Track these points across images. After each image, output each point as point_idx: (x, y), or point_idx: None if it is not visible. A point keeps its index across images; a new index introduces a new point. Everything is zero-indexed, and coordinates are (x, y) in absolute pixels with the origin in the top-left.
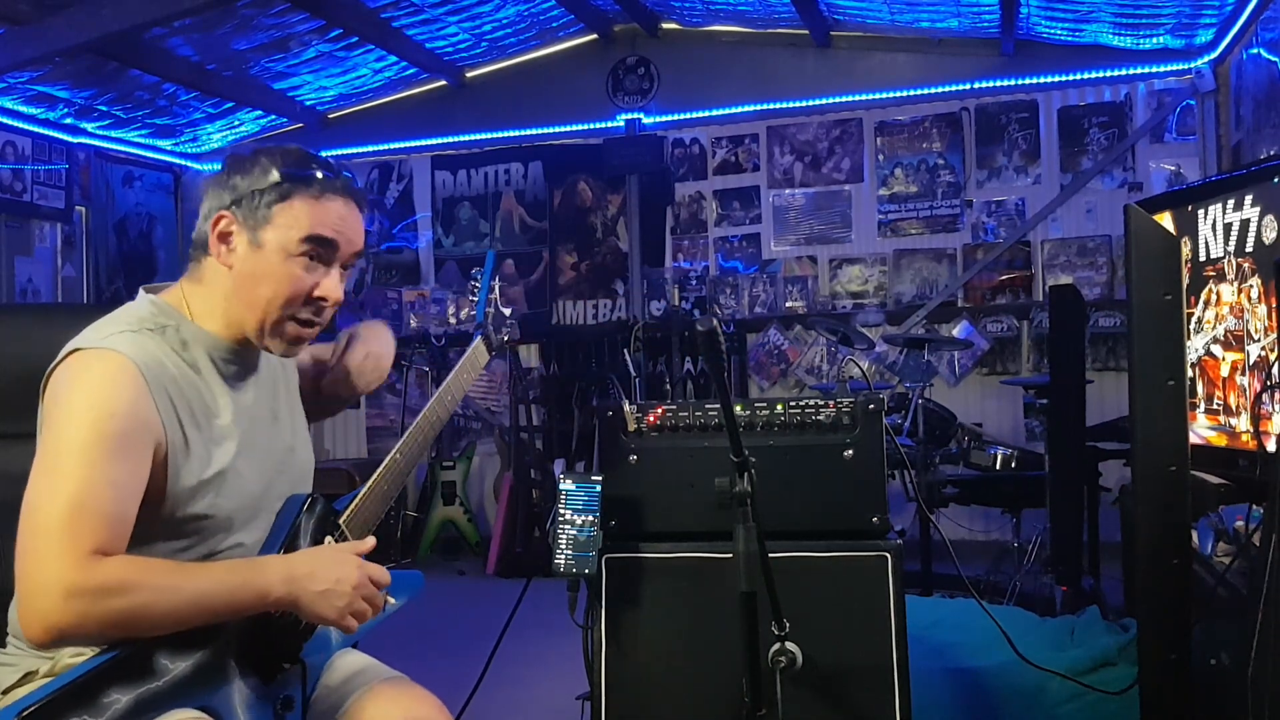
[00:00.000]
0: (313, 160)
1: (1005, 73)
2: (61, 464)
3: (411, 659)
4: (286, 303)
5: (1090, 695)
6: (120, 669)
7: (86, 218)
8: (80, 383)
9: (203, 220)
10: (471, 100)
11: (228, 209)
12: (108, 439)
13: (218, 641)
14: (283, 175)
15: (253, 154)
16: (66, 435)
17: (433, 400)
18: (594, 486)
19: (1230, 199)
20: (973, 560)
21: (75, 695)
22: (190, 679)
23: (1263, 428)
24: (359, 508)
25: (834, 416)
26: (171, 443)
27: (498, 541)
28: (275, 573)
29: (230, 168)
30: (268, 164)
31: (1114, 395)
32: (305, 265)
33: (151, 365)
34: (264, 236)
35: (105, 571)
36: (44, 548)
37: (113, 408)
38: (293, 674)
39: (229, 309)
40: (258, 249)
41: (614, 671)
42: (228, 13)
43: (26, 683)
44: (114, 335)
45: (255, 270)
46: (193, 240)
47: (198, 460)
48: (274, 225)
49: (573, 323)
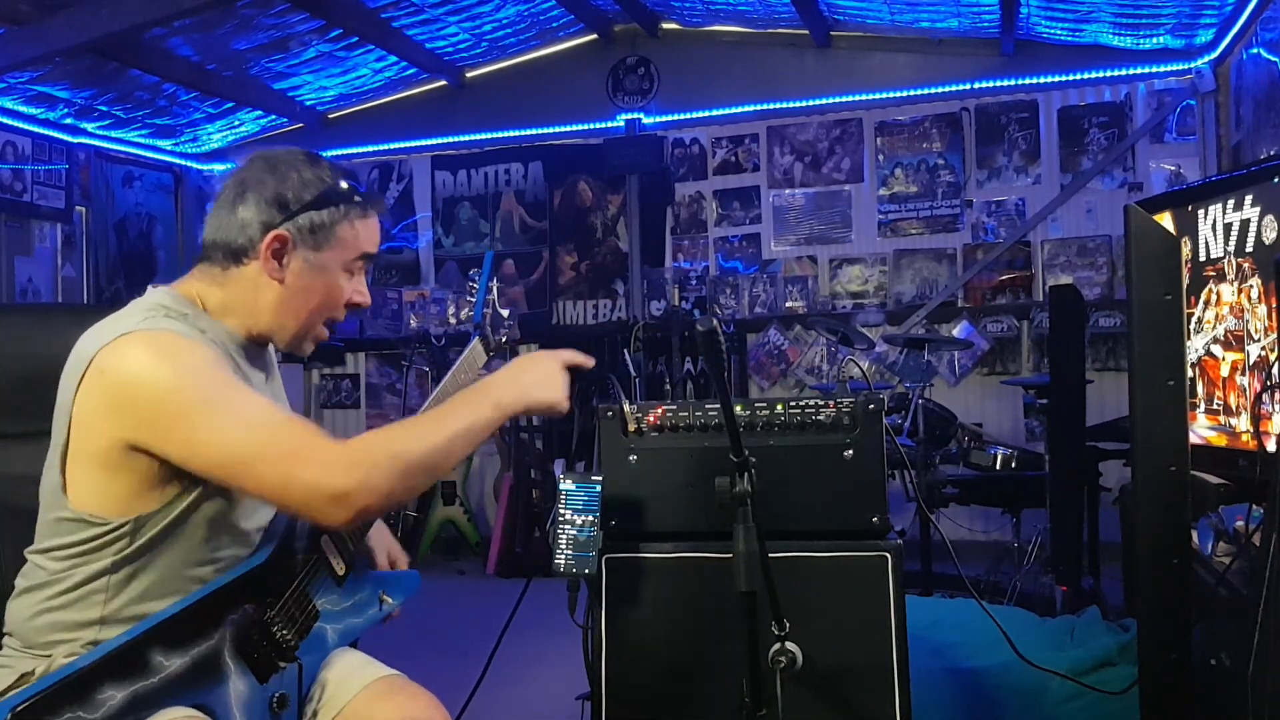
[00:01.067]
0: (350, 176)
1: (1005, 73)
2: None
3: (411, 659)
4: (331, 311)
5: (1090, 695)
6: (115, 666)
7: (86, 218)
8: (149, 355)
9: (239, 230)
10: (471, 100)
11: (281, 228)
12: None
13: (213, 639)
14: (338, 196)
15: (292, 165)
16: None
17: (429, 401)
18: (594, 486)
19: (1230, 199)
20: (973, 560)
21: (69, 691)
22: (185, 676)
23: (1263, 428)
24: None
25: (834, 416)
26: None
27: (498, 541)
28: (497, 387)
29: (274, 180)
30: (315, 181)
31: (1114, 395)
32: (349, 278)
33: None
34: (324, 257)
35: (357, 442)
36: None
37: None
38: (288, 672)
39: (262, 316)
40: (316, 268)
41: (614, 671)
42: (228, 13)
43: (23, 684)
44: (149, 319)
45: (311, 286)
46: (217, 243)
47: None
48: (333, 246)
49: (573, 323)
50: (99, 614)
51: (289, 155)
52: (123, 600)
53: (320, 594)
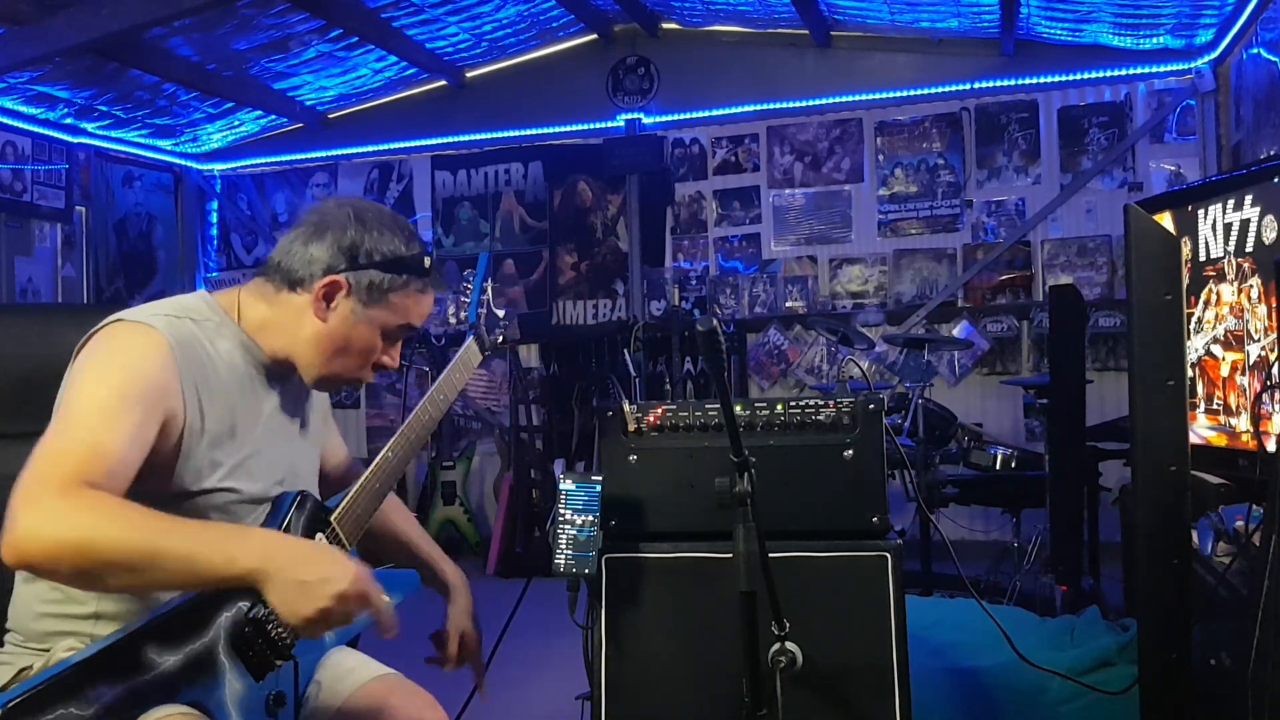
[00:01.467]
0: (422, 246)
1: (1005, 73)
2: (76, 410)
3: (411, 659)
4: (358, 364)
5: (1090, 695)
6: (109, 663)
7: (86, 218)
8: (110, 346)
9: (305, 264)
10: (471, 100)
11: (341, 274)
12: (126, 397)
13: (208, 637)
14: (407, 267)
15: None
16: (87, 388)
17: (424, 400)
18: (594, 486)
19: (1230, 199)
20: (973, 560)
21: (62, 688)
22: (180, 674)
23: (1263, 428)
24: (351, 505)
25: (834, 416)
26: (189, 423)
27: (498, 541)
28: (255, 543)
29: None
30: (392, 245)
31: (1114, 395)
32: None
33: (185, 347)
34: (371, 313)
35: (91, 496)
36: (35, 473)
37: (138, 368)
38: (284, 671)
39: (296, 345)
40: (359, 320)
41: (614, 671)
42: (228, 13)
43: (21, 679)
44: (155, 315)
45: (348, 335)
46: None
47: (213, 444)
48: (383, 308)
49: (573, 323)
50: (93, 609)
51: (379, 213)
52: (116, 594)
53: None
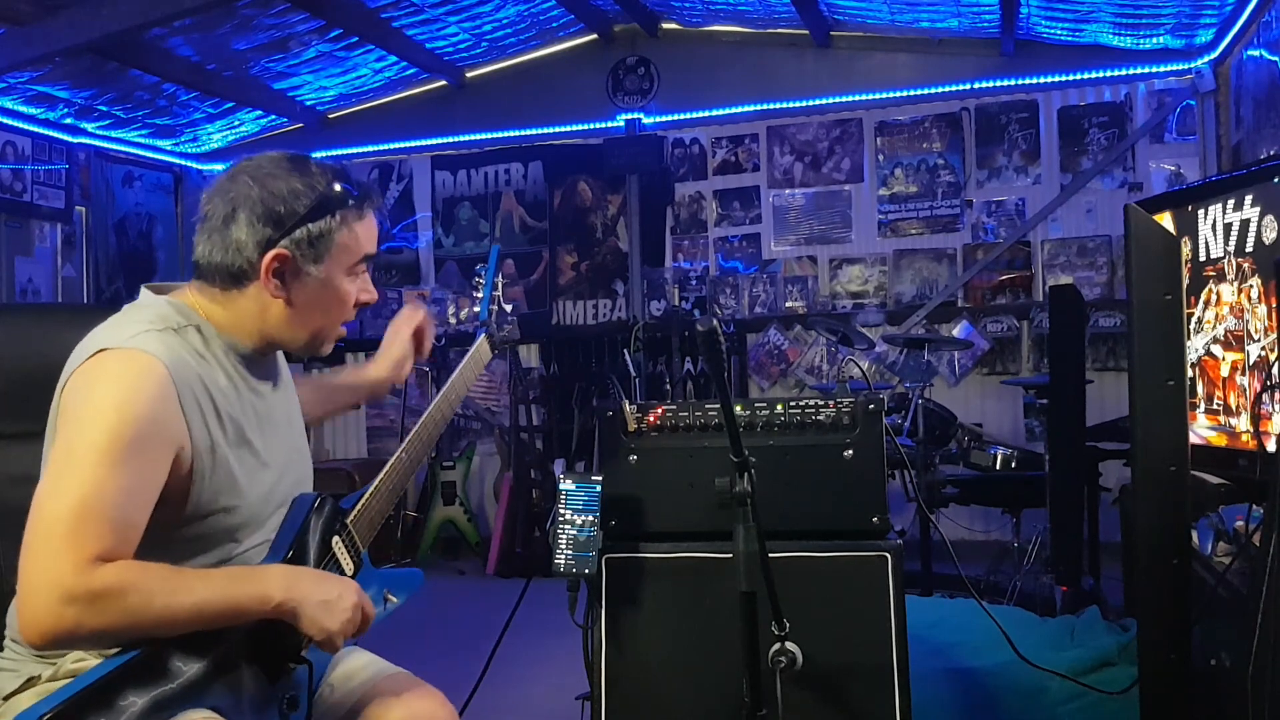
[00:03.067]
0: (341, 176)
1: (1005, 73)
2: (74, 465)
3: (412, 659)
4: (344, 316)
5: (1090, 695)
6: (134, 672)
7: (86, 218)
8: (104, 383)
9: (235, 252)
10: (471, 100)
11: (280, 246)
12: (125, 443)
13: (226, 643)
14: (333, 203)
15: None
16: (84, 436)
17: (437, 398)
18: (594, 486)
19: (1230, 199)
20: (973, 560)
21: (93, 699)
22: (201, 680)
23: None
24: (366, 506)
25: (834, 416)
26: (197, 446)
27: (498, 541)
28: (278, 579)
29: (263, 194)
30: (306, 190)
31: (1114, 395)
32: (353, 280)
33: (179, 366)
34: (326, 268)
35: (103, 578)
36: (45, 550)
37: (136, 411)
38: (298, 673)
39: (269, 332)
40: (321, 281)
41: (614, 671)
42: (228, 13)
43: (29, 687)
44: (141, 335)
45: (320, 298)
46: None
47: (223, 462)
48: (333, 256)
49: (573, 323)
50: None
51: (273, 164)
52: None
53: None
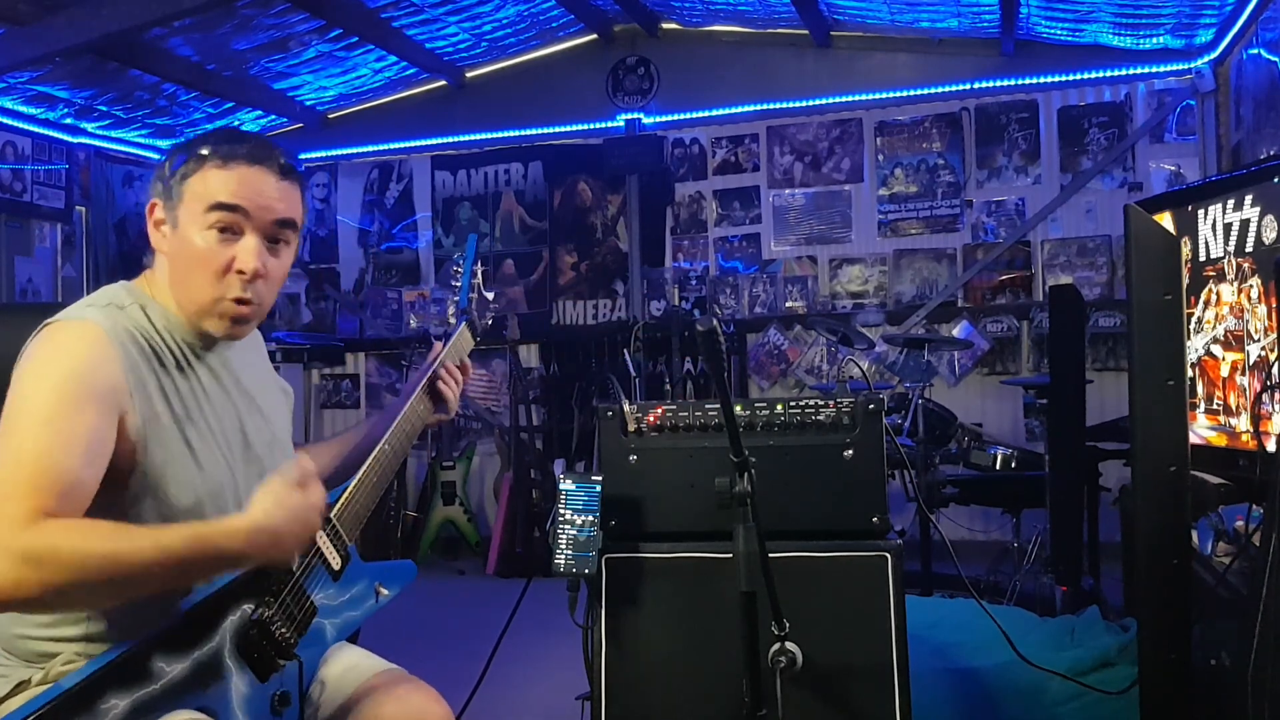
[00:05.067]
0: (223, 133)
1: (1005, 73)
2: (20, 424)
3: (412, 659)
4: (211, 278)
5: (1090, 695)
6: (116, 674)
7: (86, 218)
8: (48, 347)
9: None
10: (471, 100)
11: (157, 196)
12: (70, 397)
13: (213, 642)
14: (189, 150)
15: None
16: (29, 395)
17: (418, 390)
18: (594, 486)
19: (1230, 199)
20: (973, 560)
21: (73, 703)
22: (187, 680)
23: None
24: (350, 500)
25: (834, 416)
26: (141, 413)
27: (498, 541)
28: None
29: (163, 160)
30: (184, 145)
31: (1114, 395)
32: (219, 239)
33: (123, 335)
34: (180, 215)
35: (47, 534)
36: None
37: (77, 366)
38: (288, 670)
39: (175, 293)
40: (177, 229)
41: (614, 671)
42: (228, 13)
43: (19, 692)
44: (86, 308)
45: (180, 250)
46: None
47: (169, 435)
48: (185, 202)
49: (573, 323)
50: (84, 630)
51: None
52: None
53: (317, 589)
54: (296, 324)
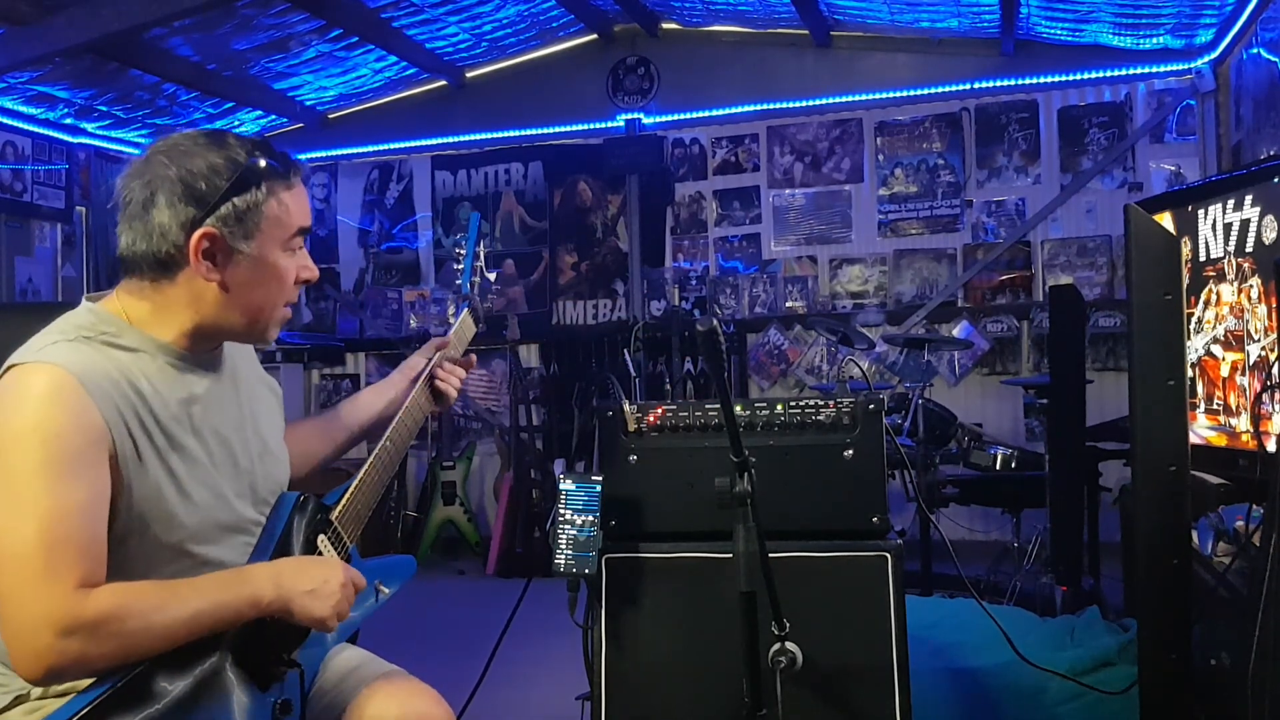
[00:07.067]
0: (263, 149)
1: (1005, 73)
2: (21, 494)
3: (411, 659)
4: (286, 293)
5: (1090, 695)
6: (121, 697)
7: (86, 218)
8: (17, 402)
9: (159, 238)
10: (471, 100)
11: (206, 225)
12: (61, 461)
13: (214, 655)
14: (256, 174)
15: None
16: (17, 463)
17: (418, 385)
18: (594, 486)
19: (1230, 199)
20: (973, 560)
21: None
22: (190, 697)
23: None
24: (350, 502)
25: (834, 416)
26: (121, 450)
27: (498, 541)
28: (264, 578)
29: (180, 173)
30: (226, 163)
31: (1114, 395)
32: (290, 255)
33: (90, 373)
34: (260, 244)
35: (96, 604)
36: (25, 587)
37: (58, 426)
38: (289, 678)
39: (207, 318)
40: (255, 259)
41: (614, 671)
42: (228, 13)
43: (19, 704)
44: (49, 346)
45: (256, 278)
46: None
47: (151, 469)
48: (265, 231)
49: (573, 323)
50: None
51: (189, 141)
52: None
53: None
54: (296, 324)
